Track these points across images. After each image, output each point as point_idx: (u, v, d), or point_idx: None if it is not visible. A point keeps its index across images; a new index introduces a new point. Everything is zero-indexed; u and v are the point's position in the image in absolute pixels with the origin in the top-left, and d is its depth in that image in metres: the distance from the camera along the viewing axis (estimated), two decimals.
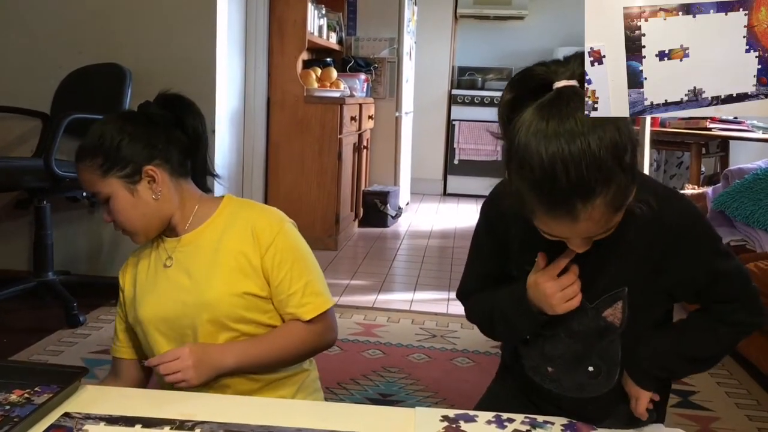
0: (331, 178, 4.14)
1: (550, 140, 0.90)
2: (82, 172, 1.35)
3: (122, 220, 1.35)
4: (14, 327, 2.74)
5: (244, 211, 1.40)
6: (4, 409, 1.08)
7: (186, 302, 1.34)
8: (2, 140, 3.18)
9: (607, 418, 1.17)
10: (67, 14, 3.13)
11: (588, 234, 0.98)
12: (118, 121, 1.37)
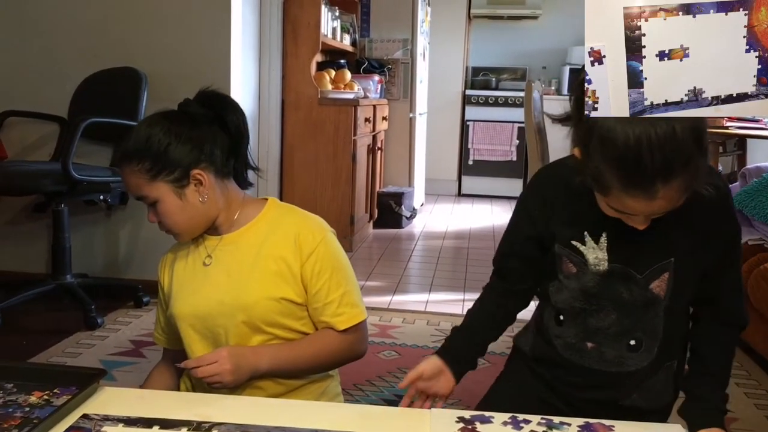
0: (346, 180, 4.14)
1: (637, 123, 0.95)
2: (128, 176, 1.33)
3: (169, 223, 1.36)
4: (33, 329, 2.77)
5: (288, 216, 1.41)
6: (24, 410, 1.09)
7: (223, 302, 1.35)
8: (20, 144, 3.22)
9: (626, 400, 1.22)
10: (84, 19, 3.16)
11: (658, 212, 1.02)
12: (164, 122, 1.34)
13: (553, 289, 1.25)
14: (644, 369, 1.21)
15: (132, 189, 1.35)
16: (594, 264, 1.18)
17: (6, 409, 1.09)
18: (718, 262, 1.17)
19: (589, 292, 1.20)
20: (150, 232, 3.21)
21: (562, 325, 1.24)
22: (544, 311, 1.28)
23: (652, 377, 1.22)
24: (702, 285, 1.19)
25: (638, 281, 1.17)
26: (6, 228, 3.29)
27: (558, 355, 1.25)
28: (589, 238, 1.18)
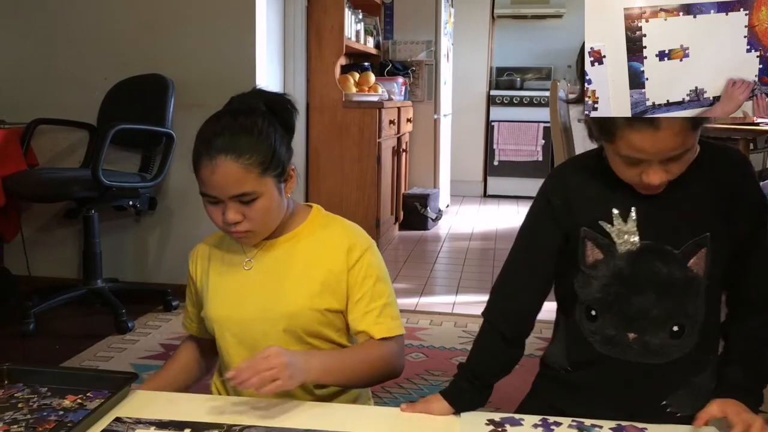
0: (371, 182, 4.15)
1: None
2: (233, 169, 1.22)
3: (262, 221, 1.28)
4: (66, 333, 2.81)
5: (335, 225, 1.39)
6: (58, 414, 1.11)
7: (265, 308, 1.32)
8: (51, 151, 3.27)
9: (677, 391, 1.16)
10: (112, 27, 3.20)
11: (667, 149, 1.01)
12: (265, 117, 1.28)
13: (578, 284, 1.18)
14: (689, 358, 1.14)
15: (232, 183, 1.23)
16: (624, 243, 1.13)
17: (41, 413, 1.11)
18: (749, 236, 1.13)
19: (622, 274, 1.13)
20: (178, 237, 3.25)
21: (597, 320, 1.17)
22: (575, 310, 1.21)
23: (699, 374, 1.16)
24: (733, 264, 1.14)
25: (675, 257, 1.11)
26: (38, 234, 3.34)
27: (596, 354, 1.18)
28: (618, 215, 1.13)
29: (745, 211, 1.12)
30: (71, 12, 3.22)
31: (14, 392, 1.18)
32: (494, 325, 1.24)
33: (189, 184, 3.37)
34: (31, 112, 3.12)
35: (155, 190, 3.15)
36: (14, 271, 3.30)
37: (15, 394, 1.17)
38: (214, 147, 1.23)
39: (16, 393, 1.18)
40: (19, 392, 1.18)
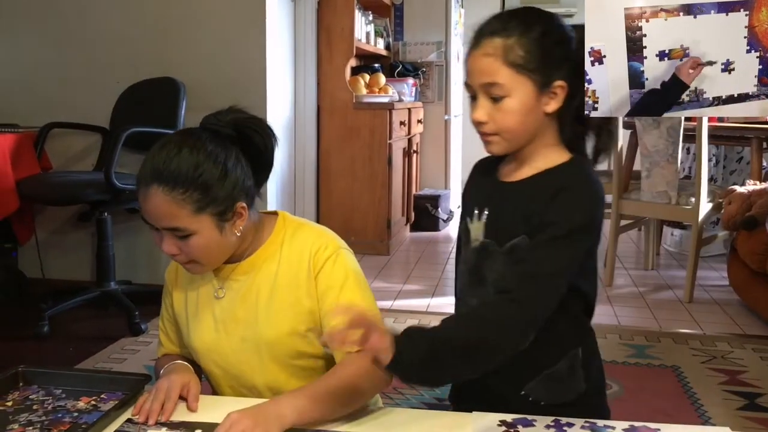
0: (382, 183, 4.15)
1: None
2: (165, 204, 1.14)
3: (199, 257, 1.19)
4: (79, 336, 2.83)
5: (301, 235, 1.29)
6: (73, 416, 1.12)
7: (245, 338, 1.26)
8: (64, 155, 3.30)
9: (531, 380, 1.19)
10: (124, 32, 3.23)
11: (479, 70, 1.11)
12: (208, 147, 1.17)
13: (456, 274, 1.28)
14: (531, 350, 1.11)
15: (163, 216, 1.15)
16: (474, 240, 1.21)
17: (55, 414, 1.12)
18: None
19: (469, 269, 1.22)
20: None
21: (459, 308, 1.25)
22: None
23: (551, 365, 1.19)
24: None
25: (498, 256, 1.17)
26: (52, 237, 3.37)
27: None
28: (476, 215, 1.21)
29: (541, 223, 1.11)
30: (83, 17, 3.25)
31: (29, 394, 1.19)
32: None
33: None
34: (45, 116, 3.15)
35: None
36: (28, 273, 3.33)
37: (30, 396, 1.19)
38: (149, 175, 1.16)
39: (31, 395, 1.19)
40: (34, 394, 1.19)
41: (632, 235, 4.84)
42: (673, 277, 3.81)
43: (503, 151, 1.18)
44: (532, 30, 1.11)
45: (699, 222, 3.29)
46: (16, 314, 3.05)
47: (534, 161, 1.17)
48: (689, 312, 3.18)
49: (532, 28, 1.11)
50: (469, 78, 1.15)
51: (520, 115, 1.12)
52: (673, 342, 2.76)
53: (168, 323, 1.40)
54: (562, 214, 1.09)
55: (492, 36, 1.11)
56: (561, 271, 1.09)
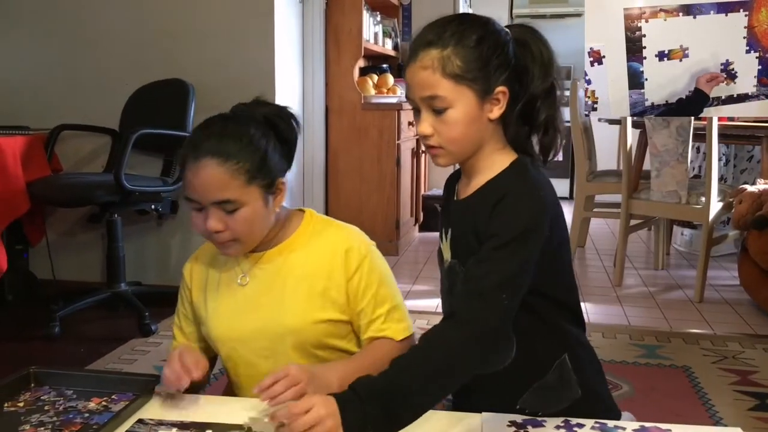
0: (391, 184, 4.15)
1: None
2: (217, 174, 1.18)
3: (244, 232, 1.23)
4: (90, 336, 2.84)
5: (329, 231, 1.34)
6: (84, 416, 1.12)
7: (266, 326, 1.28)
8: (74, 157, 3.31)
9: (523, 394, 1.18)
10: (133, 34, 3.24)
11: (419, 82, 1.10)
12: (259, 126, 1.24)
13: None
14: (516, 366, 1.15)
15: (214, 188, 1.19)
16: (445, 259, 1.21)
17: (66, 415, 1.13)
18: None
19: (445, 290, 1.22)
20: (200, 240, 3.26)
21: None
22: None
23: (541, 376, 1.17)
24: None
25: (460, 273, 1.16)
26: (63, 239, 3.39)
27: None
28: (444, 233, 1.21)
29: (489, 234, 1.09)
30: (93, 20, 3.27)
31: (41, 395, 1.20)
32: None
33: None
34: (55, 118, 3.16)
35: (177, 193, 3.18)
36: (39, 275, 3.35)
37: (41, 397, 1.19)
38: (201, 149, 1.20)
39: (42, 396, 1.20)
40: (46, 395, 1.20)
41: (642, 234, 4.82)
42: (684, 276, 3.79)
43: (450, 163, 1.16)
44: (467, 38, 1.09)
45: (709, 221, 3.27)
46: (27, 315, 3.07)
47: (480, 172, 1.16)
48: (700, 312, 3.17)
49: (467, 37, 1.09)
50: (409, 92, 1.13)
51: (464, 125, 1.10)
52: (683, 342, 2.75)
53: (184, 319, 1.41)
54: (500, 225, 1.07)
55: (428, 47, 1.09)
56: (502, 284, 1.05)
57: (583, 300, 3.27)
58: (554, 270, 1.16)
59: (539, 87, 1.13)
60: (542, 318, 1.16)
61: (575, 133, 4.03)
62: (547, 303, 1.16)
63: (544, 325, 1.17)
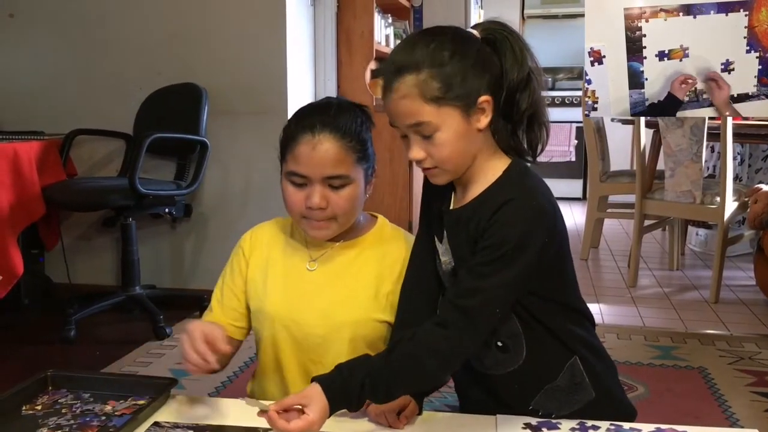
0: (403, 186, 4.15)
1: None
2: (338, 147, 1.23)
3: (345, 210, 1.26)
4: (106, 340, 2.86)
5: (403, 239, 1.36)
6: (101, 419, 1.13)
7: (329, 313, 1.29)
8: (89, 161, 3.34)
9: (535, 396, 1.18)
10: (145, 38, 3.26)
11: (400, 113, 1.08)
12: (359, 114, 1.33)
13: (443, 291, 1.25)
14: (527, 368, 1.16)
15: (330, 162, 1.22)
16: (444, 261, 1.20)
17: (83, 417, 1.14)
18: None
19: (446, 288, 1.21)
20: (214, 243, 3.29)
21: None
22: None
23: (552, 379, 1.17)
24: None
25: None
26: (78, 242, 3.41)
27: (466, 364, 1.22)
28: (444, 234, 1.19)
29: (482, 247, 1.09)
30: (106, 25, 3.29)
31: (58, 398, 1.21)
32: None
33: (224, 190, 3.42)
34: (69, 123, 3.19)
35: (190, 197, 3.20)
36: (55, 278, 3.37)
37: (59, 400, 1.20)
38: (320, 122, 1.23)
39: (59, 398, 1.21)
40: (63, 398, 1.21)
41: (656, 235, 4.79)
42: (699, 277, 3.76)
43: (450, 179, 1.16)
44: (439, 56, 1.06)
45: (724, 221, 3.25)
46: (43, 319, 3.10)
47: (475, 181, 1.15)
48: (715, 312, 3.15)
49: (439, 55, 1.06)
50: (393, 121, 1.12)
51: (454, 144, 1.09)
52: (699, 343, 2.73)
53: (228, 293, 1.37)
54: (492, 238, 1.07)
55: (402, 75, 1.06)
56: (490, 301, 1.07)
57: (597, 301, 3.27)
58: (556, 273, 1.16)
59: (516, 79, 1.10)
60: (548, 322, 1.16)
61: (588, 133, 4.01)
62: (551, 307, 1.16)
63: (549, 329, 1.17)
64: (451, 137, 1.08)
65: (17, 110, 3.36)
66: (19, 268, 2.79)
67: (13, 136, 3.13)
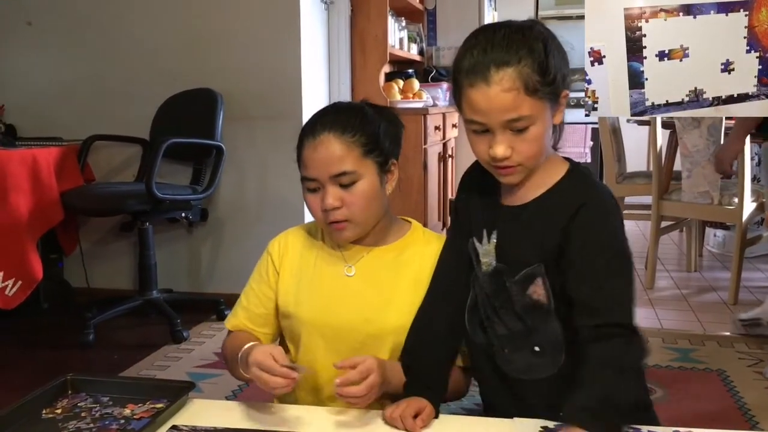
0: (418, 189, 4.15)
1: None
2: (337, 145, 1.23)
3: (359, 207, 1.25)
4: (123, 343, 2.88)
5: (439, 242, 1.34)
6: (120, 422, 1.14)
7: (368, 318, 1.28)
8: (106, 167, 3.37)
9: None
10: (163, 44, 3.29)
11: (500, 107, 1.03)
12: (370, 107, 1.32)
13: (472, 295, 1.23)
14: (562, 376, 1.14)
15: (334, 160, 1.23)
16: (486, 263, 1.17)
17: (103, 421, 1.15)
18: (576, 272, 1.08)
19: (486, 292, 1.18)
20: (230, 247, 3.30)
21: (487, 331, 1.20)
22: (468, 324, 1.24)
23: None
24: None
25: (513, 284, 1.14)
26: (96, 247, 3.44)
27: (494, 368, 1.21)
28: (485, 236, 1.17)
29: (576, 244, 1.08)
30: (122, 32, 3.32)
31: (77, 401, 1.22)
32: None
33: (239, 194, 3.43)
34: (87, 129, 3.22)
35: (206, 201, 3.21)
36: (74, 283, 3.40)
37: (78, 404, 1.22)
38: (319, 124, 1.26)
39: (79, 402, 1.22)
40: (82, 401, 1.22)
41: (674, 236, 4.75)
42: (717, 278, 3.73)
43: (522, 179, 1.13)
44: (536, 49, 1.04)
45: (742, 222, 3.22)
46: (62, 323, 3.12)
47: (534, 178, 1.13)
48: (734, 314, 3.12)
49: (535, 46, 1.05)
50: (482, 116, 1.06)
51: (542, 138, 1.08)
52: (718, 345, 2.70)
53: (255, 300, 1.37)
54: (596, 242, 1.06)
55: (502, 67, 1.03)
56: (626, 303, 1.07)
57: None
58: None
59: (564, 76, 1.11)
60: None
61: (603, 134, 3.99)
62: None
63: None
64: (542, 132, 1.07)
65: (36, 117, 3.40)
66: (39, 273, 2.82)
67: (32, 142, 3.17)
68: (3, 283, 2.71)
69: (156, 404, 1.20)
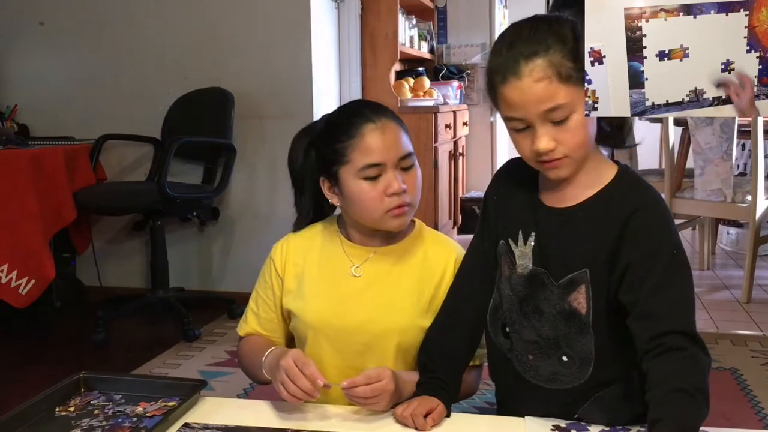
0: (428, 187, 4.14)
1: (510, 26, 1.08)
2: (399, 134, 1.26)
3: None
4: (135, 342, 2.90)
5: (443, 242, 1.35)
6: (132, 420, 1.15)
7: (373, 319, 1.27)
8: (118, 165, 3.39)
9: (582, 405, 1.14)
10: (174, 44, 3.30)
11: (535, 99, 1.01)
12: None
13: (495, 297, 1.21)
14: (586, 388, 1.12)
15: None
16: (521, 266, 1.14)
17: (116, 419, 1.15)
18: (636, 277, 1.04)
19: (518, 296, 1.15)
20: (241, 246, 3.31)
21: (511, 337, 1.18)
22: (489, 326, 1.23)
23: (605, 388, 1.12)
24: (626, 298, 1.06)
25: (554, 289, 1.10)
26: (108, 246, 3.46)
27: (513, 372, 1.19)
28: (522, 237, 1.14)
29: (632, 251, 1.05)
30: (134, 32, 3.33)
31: (90, 399, 1.23)
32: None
33: (251, 193, 3.44)
34: (99, 128, 3.23)
35: (218, 200, 3.22)
36: (86, 282, 3.43)
37: (91, 402, 1.22)
38: (371, 111, 1.26)
39: (92, 400, 1.23)
40: (95, 400, 1.23)
41: (686, 234, 4.72)
42: (730, 276, 3.70)
43: (572, 172, 1.08)
44: (564, 36, 1.02)
45: (756, 220, 3.19)
46: (75, 321, 3.15)
47: (581, 178, 1.10)
48: (747, 312, 3.09)
49: (564, 34, 1.02)
50: (519, 110, 1.04)
51: (585, 126, 1.04)
52: (731, 344, 2.69)
53: (263, 305, 1.37)
54: (653, 242, 1.04)
55: (532, 58, 1.01)
56: (687, 308, 1.06)
57: None
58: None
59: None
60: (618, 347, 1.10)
61: None
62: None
63: (619, 356, 1.11)
64: (584, 119, 1.03)
65: (48, 117, 3.43)
66: (51, 272, 2.84)
67: (45, 142, 3.19)
68: (16, 281, 2.74)
69: (168, 402, 1.20)
